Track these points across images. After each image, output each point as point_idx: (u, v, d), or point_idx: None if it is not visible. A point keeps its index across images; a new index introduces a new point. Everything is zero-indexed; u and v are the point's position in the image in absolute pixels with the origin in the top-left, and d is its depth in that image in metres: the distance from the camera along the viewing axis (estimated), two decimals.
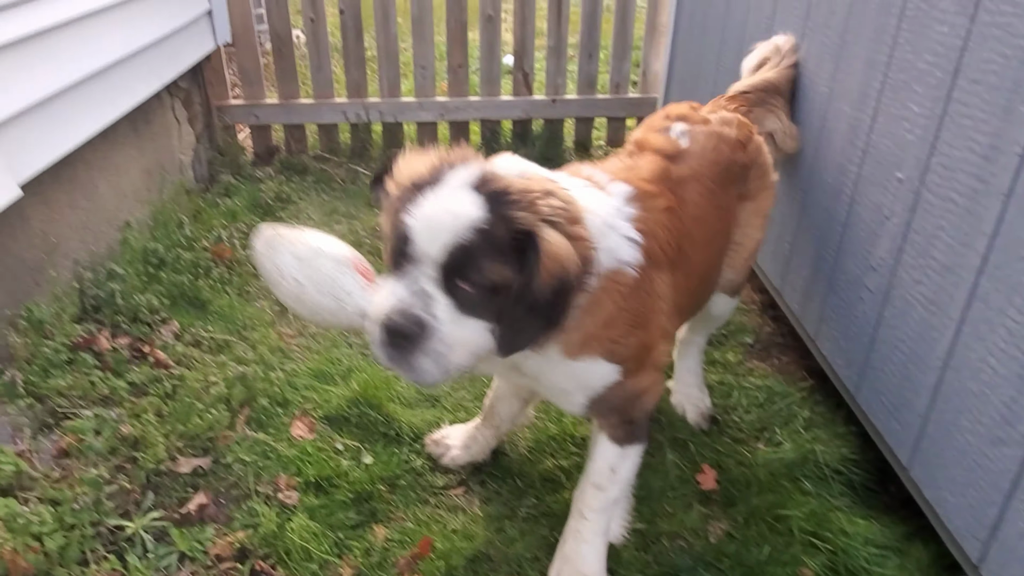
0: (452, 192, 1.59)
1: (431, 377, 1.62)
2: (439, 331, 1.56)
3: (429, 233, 1.55)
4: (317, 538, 2.21)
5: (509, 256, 1.56)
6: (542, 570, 2.16)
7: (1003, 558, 1.74)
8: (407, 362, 1.59)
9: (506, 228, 1.56)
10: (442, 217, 1.55)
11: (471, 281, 1.57)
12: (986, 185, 1.79)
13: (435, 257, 1.55)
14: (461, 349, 1.62)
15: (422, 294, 1.57)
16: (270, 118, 4.99)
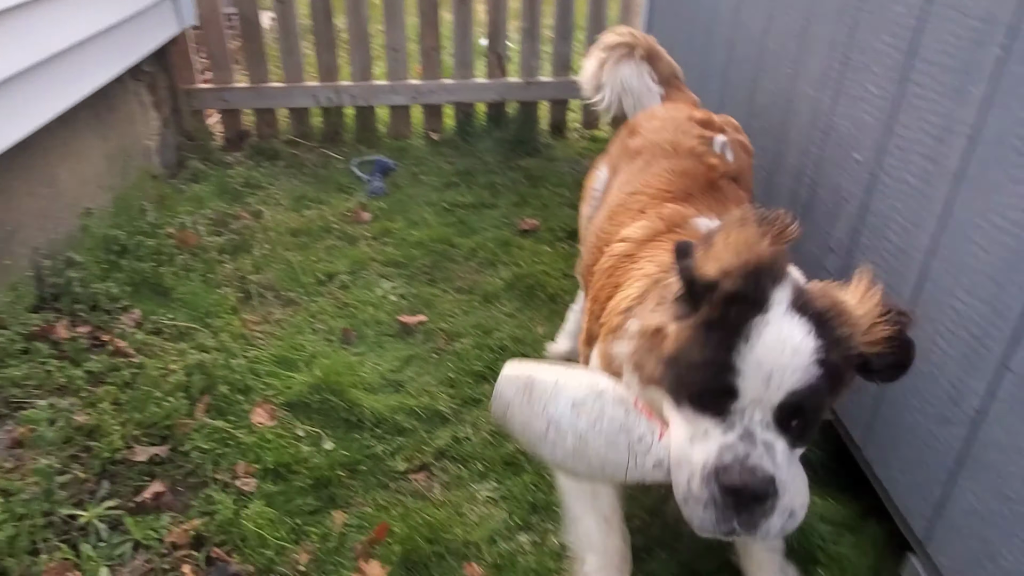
0: (782, 321, 1.33)
1: (778, 534, 1.39)
2: (784, 483, 1.33)
3: (765, 376, 1.31)
4: (274, 524, 2.20)
5: (844, 378, 1.39)
6: (501, 553, 2.16)
7: (947, 536, 1.76)
8: (754, 526, 1.34)
9: (842, 354, 1.35)
10: (782, 356, 1.31)
11: (811, 421, 1.38)
12: (938, 166, 1.79)
13: (772, 401, 1.32)
14: (795, 491, 1.38)
15: (761, 443, 1.33)
16: (240, 102, 4.92)
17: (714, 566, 2.16)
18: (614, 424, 1.46)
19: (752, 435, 1.32)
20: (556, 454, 1.50)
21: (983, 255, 1.61)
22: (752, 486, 1.29)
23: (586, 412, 1.46)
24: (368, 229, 3.97)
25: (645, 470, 1.46)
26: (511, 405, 1.51)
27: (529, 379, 1.51)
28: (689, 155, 2.18)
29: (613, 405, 1.48)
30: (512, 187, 4.60)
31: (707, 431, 1.36)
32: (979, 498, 1.63)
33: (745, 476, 1.29)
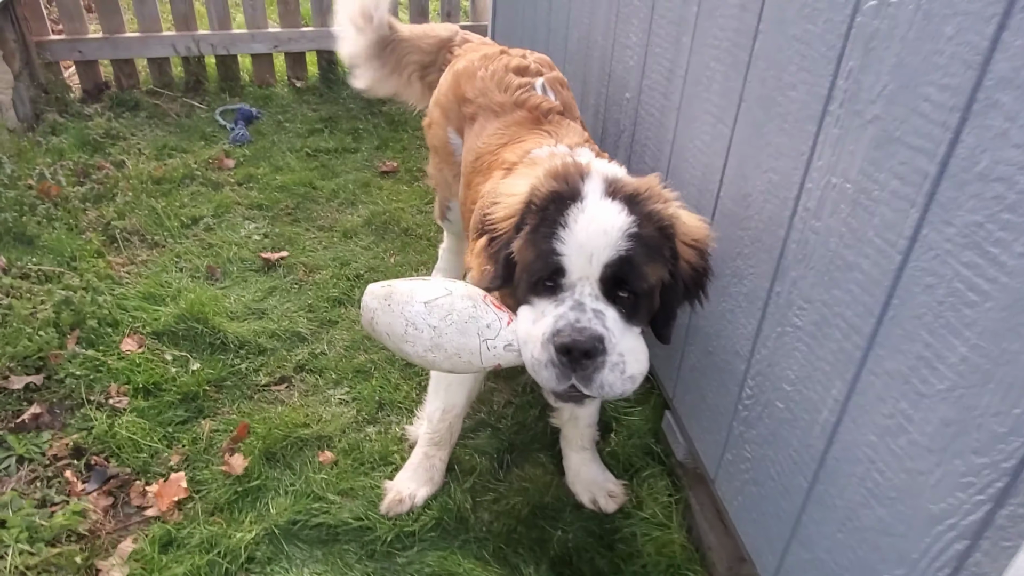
0: (596, 205, 1.61)
1: (618, 390, 1.60)
2: (614, 342, 1.56)
3: (586, 254, 1.57)
4: (147, 433, 2.52)
5: (663, 253, 1.64)
6: (350, 442, 2.56)
7: (681, 390, 2.30)
8: (590, 380, 1.57)
9: (653, 226, 1.62)
10: (597, 235, 1.57)
11: (636, 288, 1.61)
12: (668, 101, 2.25)
13: (595, 274, 1.58)
14: (633, 357, 1.61)
15: (591, 310, 1.58)
16: (95, 53, 4.93)
17: (528, 439, 2.65)
18: (463, 315, 1.70)
19: (582, 304, 1.58)
20: (417, 350, 1.75)
21: (693, 171, 2.09)
22: (580, 343, 1.52)
23: (438, 308, 1.70)
24: (232, 175, 4.19)
25: (498, 352, 1.71)
26: (375, 313, 1.79)
27: (389, 289, 1.78)
28: (515, 107, 2.48)
29: (462, 300, 1.72)
30: (374, 132, 4.89)
31: (544, 311, 1.64)
32: (696, 357, 2.16)
33: (574, 335, 1.53)
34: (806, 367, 1.56)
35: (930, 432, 1.21)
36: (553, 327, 1.57)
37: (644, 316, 1.69)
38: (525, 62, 2.67)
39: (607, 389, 1.59)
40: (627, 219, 1.59)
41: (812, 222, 1.51)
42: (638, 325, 1.68)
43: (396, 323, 1.74)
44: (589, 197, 1.64)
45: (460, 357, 1.73)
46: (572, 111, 2.55)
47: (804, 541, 1.61)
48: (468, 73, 2.75)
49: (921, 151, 1.20)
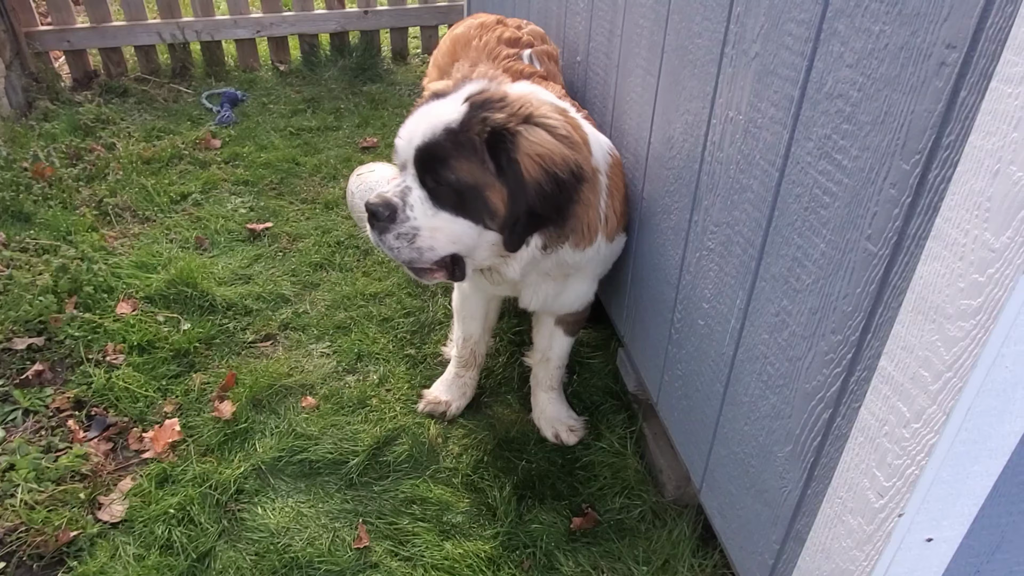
0: (440, 102, 1.83)
1: (404, 255, 1.83)
2: (408, 216, 1.79)
3: (409, 137, 1.80)
4: (143, 385, 2.73)
5: (481, 155, 1.76)
6: (330, 389, 2.77)
7: (630, 329, 2.50)
8: (381, 240, 1.83)
9: (479, 128, 1.76)
10: (420, 123, 1.79)
11: (439, 177, 1.78)
12: (609, 60, 2.44)
13: (410, 157, 1.80)
14: (433, 235, 1.81)
15: (402, 187, 1.82)
16: (83, 42, 5.10)
17: (497, 382, 2.85)
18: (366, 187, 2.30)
19: (402, 182, 1.84)
20: (350, 210, 2.26)
21: (630, 122, 2.28)
22: (371, 204, 1.81)
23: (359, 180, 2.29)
24: (219, 154, 4.37)
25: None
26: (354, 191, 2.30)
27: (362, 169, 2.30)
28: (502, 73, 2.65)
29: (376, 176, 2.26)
30: (355, 111, 5.07)
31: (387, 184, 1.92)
32: (639, 291, 2.36)
33: (372, 199, 1.82)
34: (718, 284, 1.76)
35: (803, 322, 1.41)
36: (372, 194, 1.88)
37: (473, 211, 1.82)
38: (518, 34, 2.83)
39: (392, 253, 1.85)
40: (452, 116, 1.78)
41: (717, 153, 1.71)
42: (463, 216, 1.82)
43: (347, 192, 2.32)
44: (448, 96, 1.86)
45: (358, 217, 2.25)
46: (554, 78, 2.71)
47: (722, 439, 1.81)
48: (464, 40, 2.92)
49: (788, 79, 1.39)
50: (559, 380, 2.68)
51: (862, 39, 1.18)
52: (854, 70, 1.20)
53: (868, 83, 1.17)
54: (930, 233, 1.04)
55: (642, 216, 2.25)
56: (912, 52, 1.08)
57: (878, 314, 1.20)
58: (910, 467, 1.11)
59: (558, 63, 2.86)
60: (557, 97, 2.42)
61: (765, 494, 1.61)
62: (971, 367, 0.98)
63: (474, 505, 2.36)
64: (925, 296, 1.05)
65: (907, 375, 1.10)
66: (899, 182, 1.13)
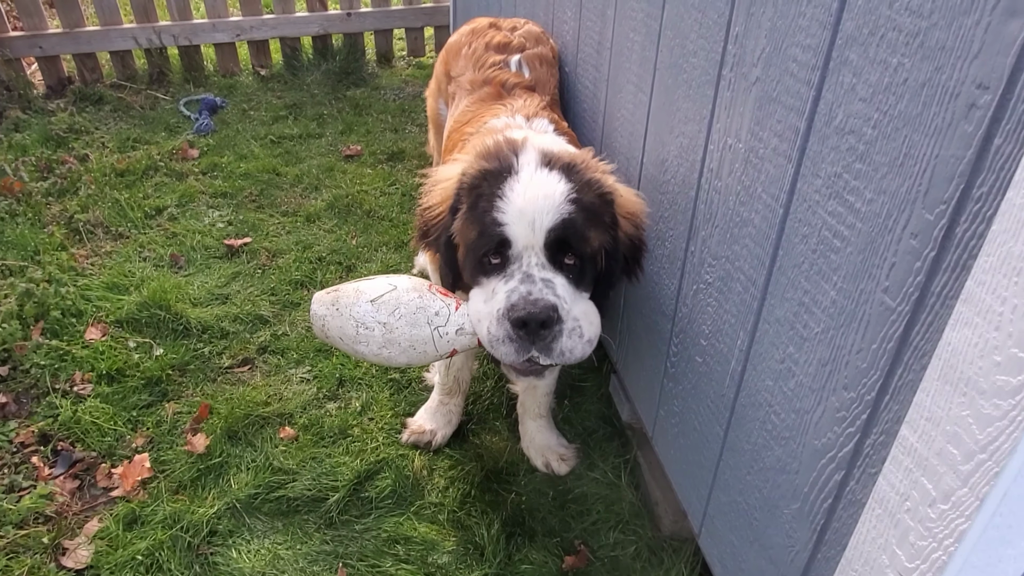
0: (533, 175, 1.64)
1: (578, 354, 1.64)
2: (567, 308, 1.60)
3: (528, 221, 1.59)
4: (112, 418, 2.59)
5: (603, 219, 1.68)
6: (310, 418, 2.64)
7: (627, 359, 2.38)
8: (550, 349, 1.60)
9: (593, 193, 1.66)
10: (538, 199, 1.59)
11: (578, 253, 1.64)
12: (599, 73, 2.32)
13: (540, 241, 1.60)
14: (587, 321, 1.66)
15: (540, 280, 1.59)
16: (56, 48, 4.93)
17: (484, 408, 2.74)
18: (411, 307, 1.74)
19: (531, 276, 1.60)
20: (372, 348, 1.78)
21: (621, 140, 2.16)
22: (535, 314, 1.55)
23: (385, 305, 1.74)
24: (196, 165, 4.23)
25: (450, 337, 1.76)
26: (325, 320, 1.81)
27: (335, 294, 1.80)
28: (483, 84, 2.55)
29: (407, 293, 1.77)
30: (338, 117, 4.93)
31: (495, 289, 1.64)
32: (633, 321, 2.24)
33: (528, 308, 1.55)
34: (717, 321, 1.64)
35: (811, 372, 1.30)
36: (507, 302, 1.59)
37: (590, 281, 1.75)
38: (509, 38, 2.70)
39: (567, 355, 1.63)
40: (567, 185, 1.64)
41: (715, 182, 1.59)
42: (586, 290, 1.74)
43: (347, 326, 1.76)
44: (525, 168, 1.68)
45: (415, 349, 1.76)
46: (545, 86, 2.58)
47: (723, 485, 1.70)
48: (454, 50, 2.81)
49: (792, 109, 1.27)
50: (548, 407, 2.56)
51: (877, 71, 1.06)
52: (868, 104, 1.08)
53: (884, 120, 1.05)
54: (959, 295, 0.92)
55: None
56: (936, 90, 0.96)
57: (897, 375, 1.09)
58: (936, 551, 1.00)
59: (554, 65, 2.71)
60: (539, 108, 2.31)
61: (770, 551, 1.50)
62: (1009, 451, 0.87)
63: (461, 544, 2.24)
64: (954, 365, 0.94)
65: (932, 450, 0.98)
66: (921, 233, 1.01)
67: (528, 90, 2.46)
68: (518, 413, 2.60)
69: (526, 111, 2.26)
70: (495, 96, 2.50)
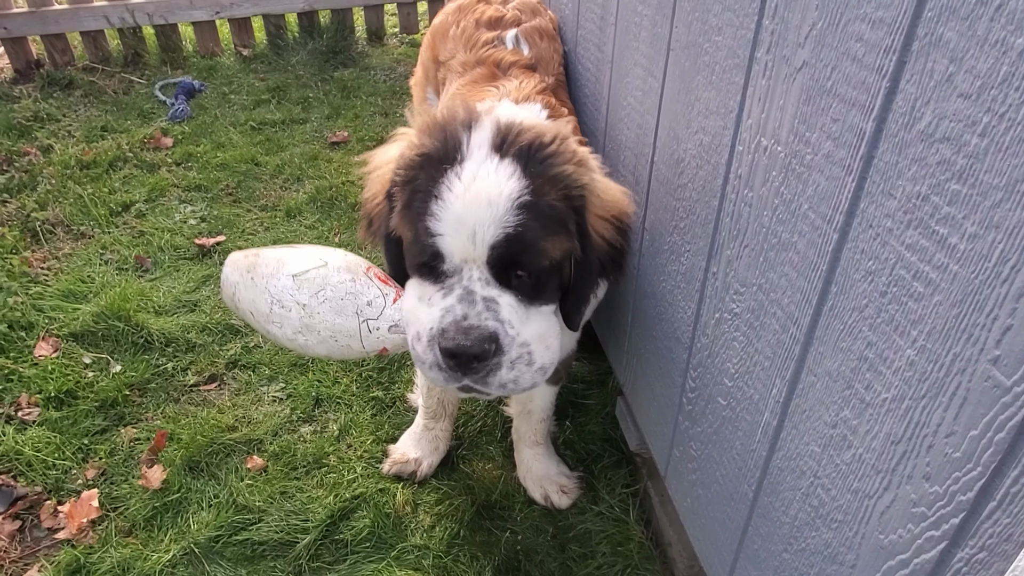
0: (479, 168, 1.30)
1: (524, 384, 1.37)
2: (512, 334, 1.32)
3: (467, 233, 1.28)
4: (59, 448, 2.32)
5: (565, 222, 1.35)
6: (282, 444, 2.36)
7: (630, 377, 2.08)
8: (486, 382, 1.34)
9: (556, 193, 1.34)
10: (478, 207, 1.27)
11: (532, 268, 1.34)
12: (602, 54, 2.00)
13: (482, 257, 1.30)
14: (540, 344, 1.37)
15: (481, 301, 1.31)
16: (22, 29, 4.61)
17: (475, 430, 2.45)
18: (339, 291, 1.44)
19: (472, 294, 1.31)
20: (286, 332, 1.48)
21: (628, 133, 1.85)
22: (466, 348, 1.28)
23: (308, 283, 1.43)
24: (170, 155, 3.92)
25: (381, 334, 1.47)
26: (236, 288, 1.51)
27: (254, 259, 1.50)
28: (476, 65, 2.25)
29: (338, 273, 1.46)
30: (325, 100, 4.60)
31: (431, 297, 1.37)
32: (641, 341, 1.94)
33: (459, 338, 1.27)
34: (745, 361, 1.34)
35: (876, 449, 1.00)
36: (439, 324, 1.32)
37: (553, 291, 1.43)
38: (502, 11, 2.41)
39: (509, 387, 1.36)
40: (518, 184, 1.29)
41: (745, 192, 1.28)
42: (547, 303, 1.42)
43: (260, 300, 1.47)
44: (473, 155, 1.33)
45: (336, 340, 1.48)
46: (548, 64, 2.27)
47: (752, 557, 1.41)
48: (441, 32, 2.55)
49: (855, 104, 0.96)
50: (545, 433, 2.27)
51: (990, 56, 0.75)
52: (973, 103, 0.77)
53: (999, 125, 0.74)
54: None
55: (643, 250, 1.82)
56: None
57: (1010, 477, 0.79)
58: None
59: (556, 38, 2.39)
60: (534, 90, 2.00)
61: None
62: None
63: None
64: None
65: None
66: None
67: (527, 70, 2.16)
68: (513, 440, 2.32)
69: (517, 95, 1.94)
70: (489, 77, 2.19)
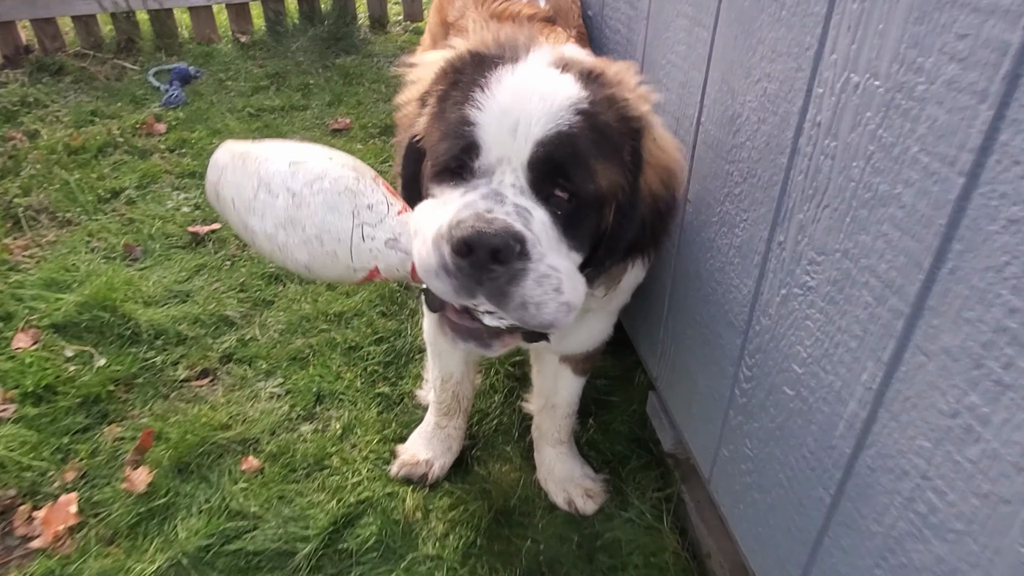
0: (535, 70, 1.17)
1: (548, 315, 1.10)
2: (544, 255, 1.09)
3: (511, 124, 1.11)
4: (36, 448, 2.12)
5: (621, 153, 1.18)
6: (280, 444, 2.17)
7: (664, 371, 1.89)
8: (505, 295, 1.07)
9: (614, 112, 1.17)
10: (530, 100, 1.11)
11: (576, 187, 1.14)
12: (635, 10, 1.80)
13: (524, 155, 1.11)
14: (568, 280, 1.13)
15: (512, 204, 1.10)
16: (11, 13, 4.42)
17: (491, 428, 2.26)
18: (338, 184, 1.20)
19: (502, 196, 1.11)
20: (266, 226, 1.22)
21: (668, 94, 1.65)
22: (486, 235, 1.03)
23: (305, 170, 1.21)
24: (163, 141, 3.73)
25: (376, 247, 1.21)
26: (223, 172, 1.27)
27: (249, 145, 1.29)
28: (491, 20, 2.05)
29: (342, 168, 1.23)
30: (326, 87, 4.42)
31: (448, 200, 1.15)
32: (681, 328, 1.74)
33: (479, 225, 1.04)
34: (823, 342, 1.15)
35: (1020, 441, 0.80)
36: (455, 217, 1.08)
37: (585, 239, 1.20)
38: None
39: (531, 310, 1.08)
40: (575, 90, 1.14)
41: (825, 142, 1.08)
42: (577, 250, 1.19)
43: (246, 185, 1.23)
44: (530, 62, 1.18)
45: (322, 243, 1.21)
46: (568, 17, 2.09)
47: (829, 572, 1.21)
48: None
49: (994, 11, 0.76)
50: (569, 431, 2.08)
51: None
52: None
53: None
54: None
55: (685, 225, 1.63)
56: None
57: None
58: None
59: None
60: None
61: None
62: None
63: None
64: None
65: None
66: None
67: (547, 23, 1.97)
68: (533, 438, 2.12)
69: None
70: None
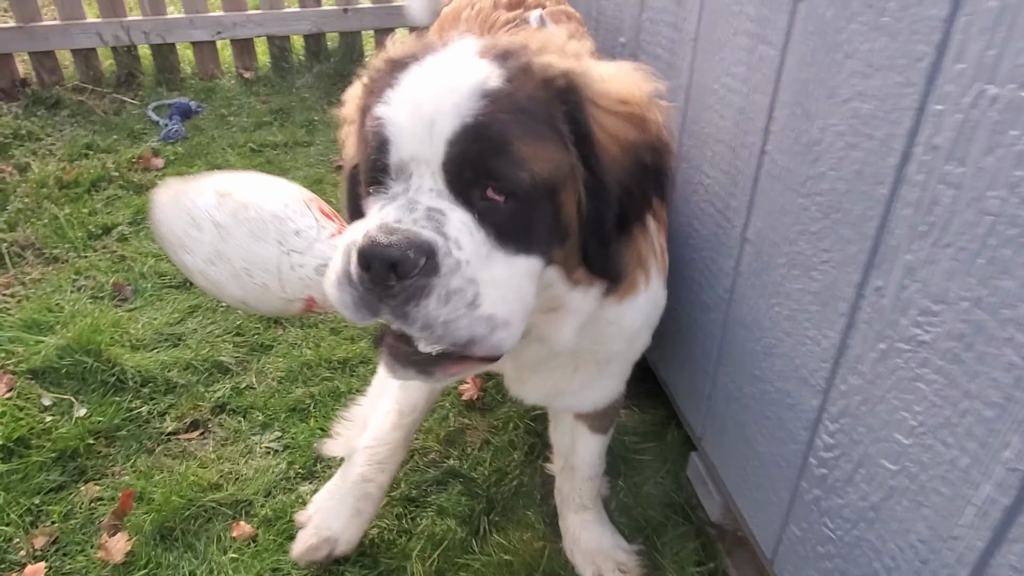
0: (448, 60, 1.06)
1: (461, 334, 0.98)
2: (459, 261, 0.97)
3: (422, 120, 0.99)
4: (3, 509, 1.90)
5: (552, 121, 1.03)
6: (275, 507, 1.95)
7: (714, 428, 1.68)
8: (405, 314, 0.96)
9: (533, 81, 1.03)
10: (436, 91, 1.00)
11: (505, 183, 1.00)
12: (680, 33, 1.65)
13: (437, 155, 0.99)
14: (494, 290, 0.99)
15: (424, 209, 0.99)
16: (8, 45, 4.30)
17: (510, 491, 2.04)
18: (262, 212, 1.17)
19: (415, 203, 1.00)
20: (197, 261, 1.20)
21: (721, 123, 1.49)
22: (384, 250, 0.93)
23: (230, 201, 1.18)
24: (160, 176, 3.56)
25: (306, 273, 1.17)
26: (164, 209, 1.25)
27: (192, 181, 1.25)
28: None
29: (271, 196, 1.19)
30: (331, 123, 4.27)
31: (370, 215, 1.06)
32: (736, 382, 1.54)
33: (379, 237, 0.94)
34: (943, 408, 0.95)
35: None
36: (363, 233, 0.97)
37: (538, 238, 1.05)
38: None
39: (440, 331, 0.96)
40: (488, 69, 1.02)
41: (947, 168, 0.90)
42: (524, 252, 1.03)
43: (177, 222, 1.21)
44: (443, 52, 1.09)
45: (251, 276, 1.18)
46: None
47: None
48: (452, 17, 2.27)
49: None
50: (593, 495, 1.86)
51: None
52: None
53: None
54: None
55: (742, 268, 1.44)
56: None
57: None
58: None
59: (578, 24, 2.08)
60: None
61: None
62: None
63: None
64: None
65: None
66: None
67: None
68: (556, 504, 1.90)
69: None
70: None
